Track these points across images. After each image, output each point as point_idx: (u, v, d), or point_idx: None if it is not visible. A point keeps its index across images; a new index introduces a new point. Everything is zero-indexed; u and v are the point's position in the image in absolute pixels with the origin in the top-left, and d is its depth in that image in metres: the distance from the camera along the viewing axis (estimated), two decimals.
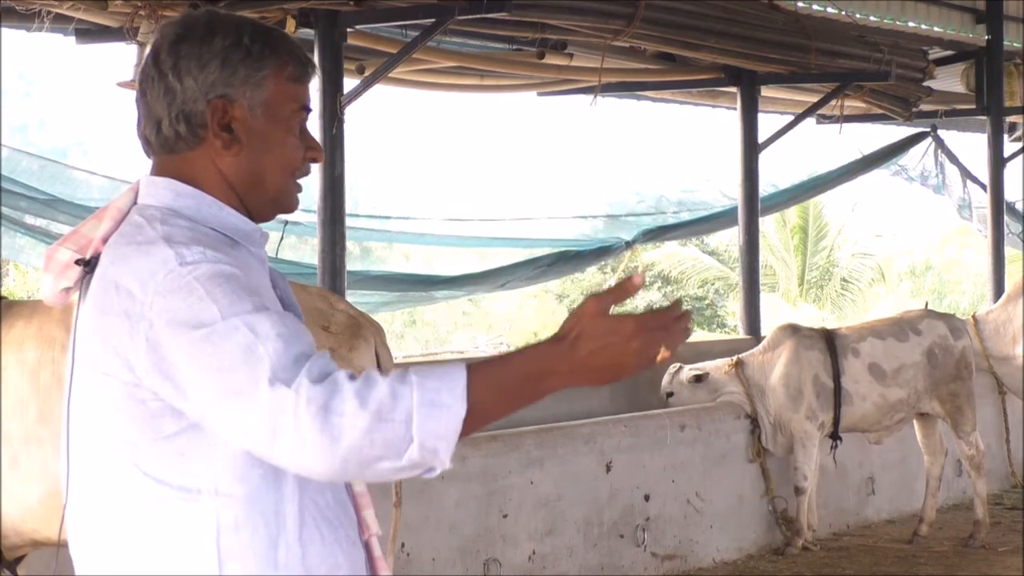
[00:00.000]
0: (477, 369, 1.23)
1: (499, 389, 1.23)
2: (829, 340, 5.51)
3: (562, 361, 1.24)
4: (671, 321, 1.27)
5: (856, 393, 5.47)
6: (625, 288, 1.27)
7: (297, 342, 1.25)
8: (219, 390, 1.24)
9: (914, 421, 5.73)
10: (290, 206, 1.43)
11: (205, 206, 1.37)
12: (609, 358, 1.23)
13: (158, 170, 1.41)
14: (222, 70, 1.37)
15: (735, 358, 5.52)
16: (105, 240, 1.37)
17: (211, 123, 1.37)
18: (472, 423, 1.22)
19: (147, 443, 1.31)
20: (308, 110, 1.43)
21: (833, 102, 6.87)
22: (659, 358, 1.25)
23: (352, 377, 1.22)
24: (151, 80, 1.38)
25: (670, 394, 5.54)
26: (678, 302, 1.29)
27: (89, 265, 1.36)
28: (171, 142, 1.38)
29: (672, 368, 5.59)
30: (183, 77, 1.36)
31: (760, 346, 5.62)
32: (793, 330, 5.59)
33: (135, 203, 1.39)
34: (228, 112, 1.37)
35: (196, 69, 1.36)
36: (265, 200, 1.41)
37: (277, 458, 1.24)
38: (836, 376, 5.43)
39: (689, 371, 5.51)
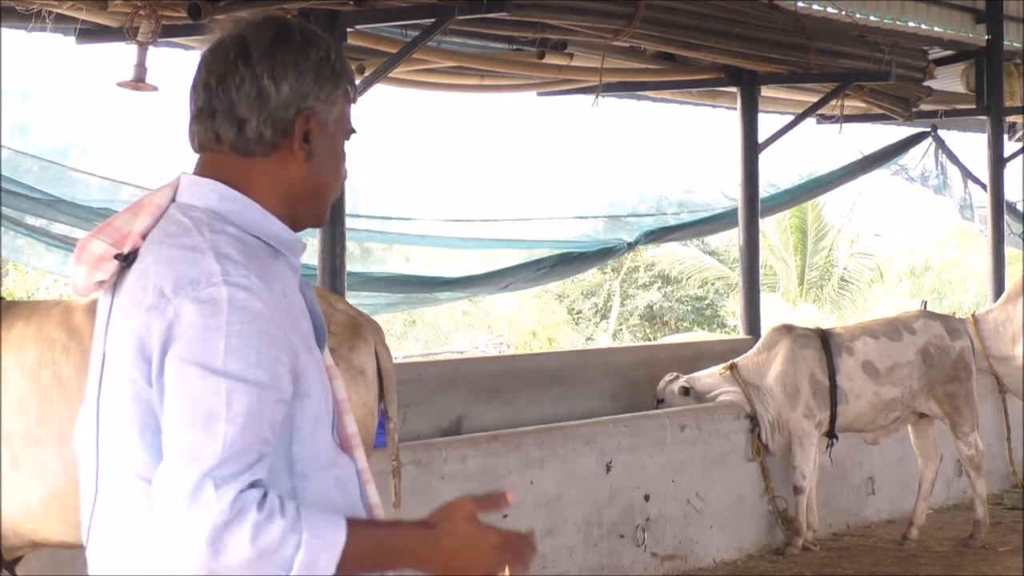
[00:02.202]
0: (355, 534, 1.30)
1: (366, 558, 1.32)
2: (824, 339, 5.53)
3: (425, 548, 1.34)
4: (523, 545, 1.38)
5: (851, 391, 5.48)
6: (498, 502, 1.39)
7: (253, 440, 1.29)
8: (175, 429, 1.29)
9: (909, 426, 5.73)
10: (324, 222, 1.46)
11: (249, 212, 1.37)
12: (464, 560, 1.34)
13: (205, 169, 1.40)
14: (314, 82, 1.38)
15: (729, 363, 5.54)
16: (144, 235, 1.36)
17: (297, 133, 1.38)
18: None
19: (148, 446, 1.33)
20: (355, 132, 1.46)
21: (833, 102, 6.87)
22: (499, 574, 1.36)
23: (260, 504, 1.27)
24: (240, 79, 1.36)
25: (660, 400, 5.57)
26: (530, 533, 1.40)
27: (127, 260, 1.35)
28: (251, 144, 1.38)
29: (669, 376, 5.62)
30: (280, 82, 1.36)
31: (755, 347, 5.63)
32: (788, 330, 5.60)
33: (173, 200, 1.39)
34: (310, 123, 1.39)
35: (293, 77, 1.37)
36: (314, 212, 1.43)
37: (162, 520, 1.29)
38: (832, 375, 5.44)
39: (683, 381, 5.56)
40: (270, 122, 1.36)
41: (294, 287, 1.39)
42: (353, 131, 1.44)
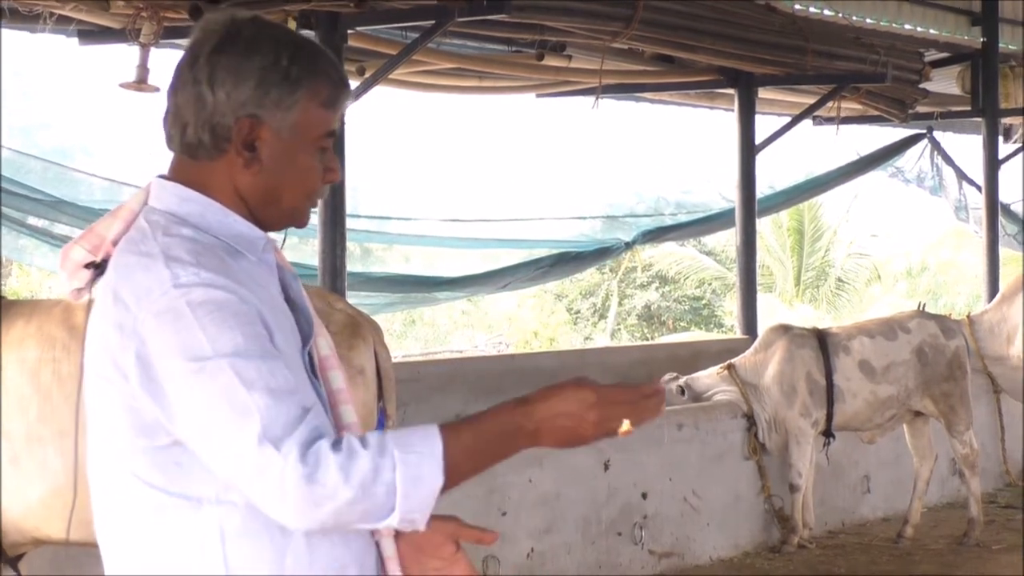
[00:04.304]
0: (452, 434, 1.29)
1: (472, 452, 1.30)
2: (821, 339, 5.57)
3: (527, 420, 1.31)
4: (640, 397, 1.34)
5: (848, 390, 5.52)
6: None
7: (287, 397, 1.28)
8: (204, 427, 1.28)
9: (905, 425, 5.77)
10: (301, 223, 1.44)
11: (210, 213, 1.37)
12: (567, 423, 1.31)
13: (174, 170, 1.41)
14: (256, 90, 1.36)
15: (727, 363, 5.58)
16: (116, 242, 1.38)
17: (235, 140, 1.37)
18: (448, 486, 1.29)
19: (143, 451, 1.33)
20: (334, 135, 1.42)
21: (830, 104, 6.91)
22: (620, 432, 1.31)
23: (336, 445, 1.26)
24: (184, 82, 1.37)
25: None
26: (656, 381, 1.37)
27: (99, 268, 1.38)
28: (193, 148, 1.38)
29: (668, 376, 5.66)
30: (216, 89, 1.35)
31: (752, 347, 5.67)
32: (784, 330, 5.64)
33: (146, 203, 1.40)
34: (254, 131, 1.37)
35: (231, 84, 1.35)
36: (277, 217, 1.42)
37: (256, 502, 1.29)
38: (828, 374, 5.48)
39: (681, 381, 5.60)
40: (207, 127, 1.36)
41: (266, 284, 1.38)
42: (330, 135, 1.40)
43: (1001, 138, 8.47)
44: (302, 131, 1.38)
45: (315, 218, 4.79)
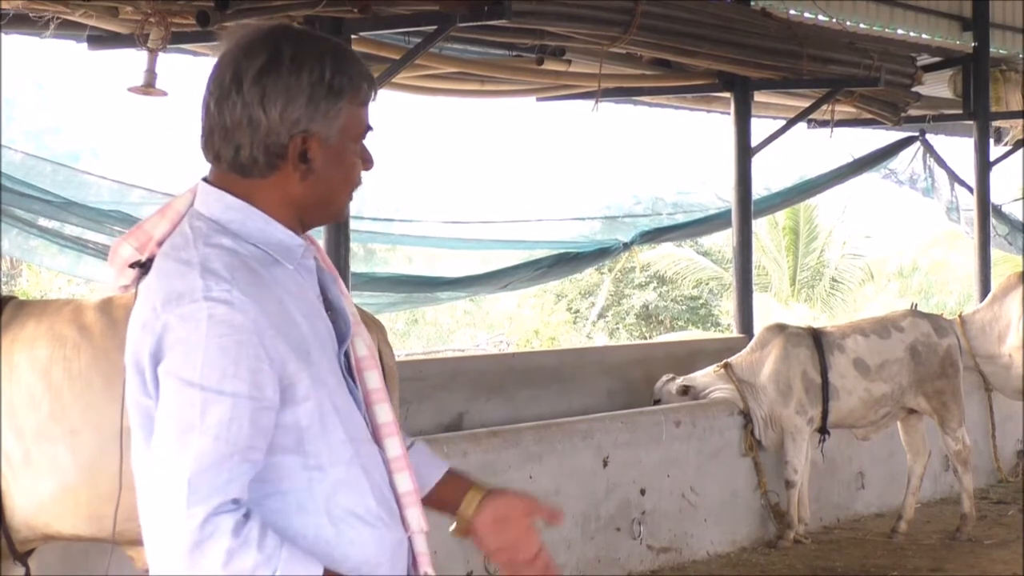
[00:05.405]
0: None
1: None
2: (816, 337, 5.65)
3: None
4: None
5: (843, 388, 5.61)
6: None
7: (228, 454, 1.32)
8: (159, 434, 1.34)
9: (898, 422, 5.86)
10: (343, 217, 1.53)
11: (252, 221, 1.40)
12: None
13: (217, 178, 1.44)
14: (307, 106, 1.39)
15: (723, 362, 5.66)
16: (161, 242, 1.42)
17: (292, 157, 1.40)
18: None
19: (147, 449, 1.37)
20: (371, 129, 1.47)
21: (824, 107, 6.96)
22: None
23: (237, 530, 1.30)
24: (231, 104, 1.39)
25: (657, 401, 5.69)
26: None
27: (144, 268, 1.42)
28: (247, 168, 1.41)
29: (666, 376, 5.74)
30: (268, 110, 1.38)
31: (749, 346, 5.74)
32: (780, 329, 5.72)
33: (191, 206, 1.44)
34: (306, 145, 1.41)
35: (282, 103, 1.38)
36: (323, 217, 1.47)
37: (143, 514, 1.35)
38: (823, 372, 5.57)
39: (681, 382, 5.66)
40: (262, 147, 1.38)
41: (301, 291, 1.41)
42: (369, 129, 1.45)
43: (992, 141, 8.57)
44: (346, 133, 1.43)
45: None
